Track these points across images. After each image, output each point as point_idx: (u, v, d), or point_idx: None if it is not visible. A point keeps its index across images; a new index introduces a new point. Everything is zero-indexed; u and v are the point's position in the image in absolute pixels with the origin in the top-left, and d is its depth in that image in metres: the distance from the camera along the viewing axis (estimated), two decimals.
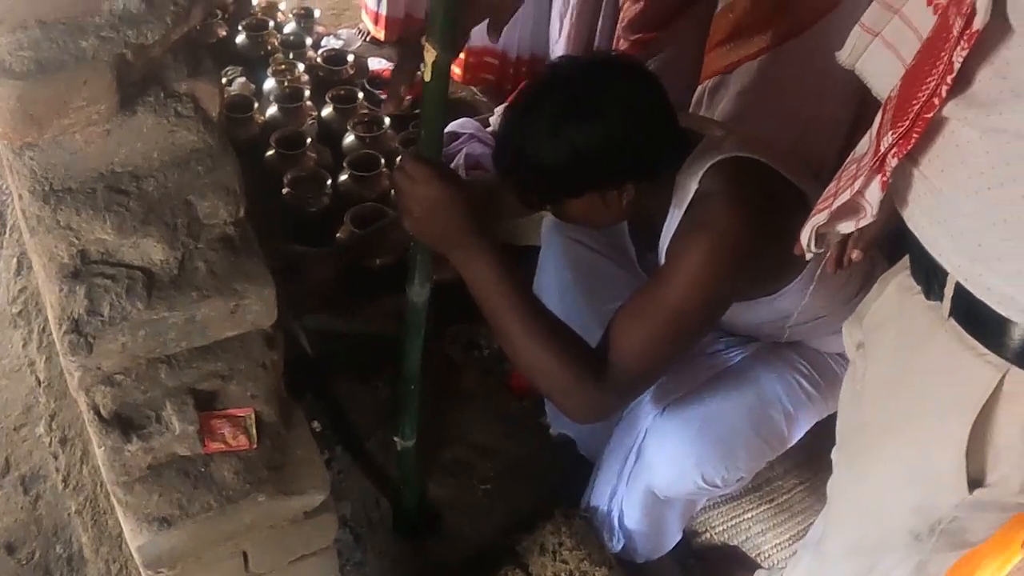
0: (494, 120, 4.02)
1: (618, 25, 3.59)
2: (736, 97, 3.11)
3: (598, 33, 3.90)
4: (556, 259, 2.84)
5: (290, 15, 4.99)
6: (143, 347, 1.73)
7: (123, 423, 1.77)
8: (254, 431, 1.87)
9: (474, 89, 4.60)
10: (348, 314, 3.20)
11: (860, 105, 2.96)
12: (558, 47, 4.10)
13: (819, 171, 2.72)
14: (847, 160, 1.75)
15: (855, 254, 1.94)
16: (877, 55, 1.74)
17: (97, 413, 1.76)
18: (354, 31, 5.10)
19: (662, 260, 2.30)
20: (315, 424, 2.84)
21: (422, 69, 1.92)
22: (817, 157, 3.01)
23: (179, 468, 1.84)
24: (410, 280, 2.21)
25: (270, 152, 3.81)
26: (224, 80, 4.25)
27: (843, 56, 1.83)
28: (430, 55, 1.87)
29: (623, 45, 3.52)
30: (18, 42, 1.62)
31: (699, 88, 3.25)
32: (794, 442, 2.61)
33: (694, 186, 2.23)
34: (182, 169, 1.78)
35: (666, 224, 2.31)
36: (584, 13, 3.90)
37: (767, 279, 2.32)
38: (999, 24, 1.34)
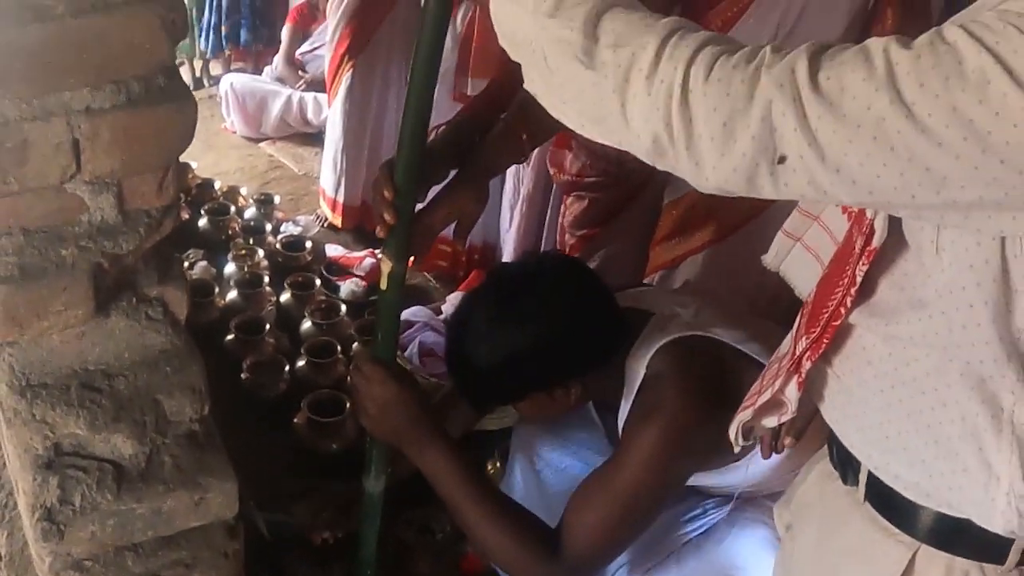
0: (446, 308, 4.11)
1: (561, 220, 3.69)
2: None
3: (547, 224, 4.02)
4: (524, 470, 2.87)
5: (251, 200, 5.12)
6: (112, 536, 1.79)
7: None
8: None
9: (427, 275, 4.70)
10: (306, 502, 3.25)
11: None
12: (509, 236, 4.22)
13: None
14: (771, 359, 1.88)
15: (788, 441, 2.05)
16: (799, 259, 1.87)
17: None
18: (312, 217, 5.24)
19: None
20: None
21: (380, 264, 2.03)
22: None
23: None
24: (366, 472, 2.30)
25: (229, 337, 3.88)
26: (186, 264, 4.35)
27: (768, 259, 1.96)
28: (386, 266, 1.99)
29: (569, 240, 3.61)
30: (2, 248, 1.73)
31: (646, 281, 3.31)
32: None
33: (643, 370, 2.29)
34: (151, 369, 1.87)
35: (620, 408, 2.37)
36: (533, 205, 4.04)
37: (729, 449, 2.36)
38: (897, 239, 1.47)
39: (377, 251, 2.06)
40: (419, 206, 2.11)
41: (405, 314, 3.99)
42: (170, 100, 1.77)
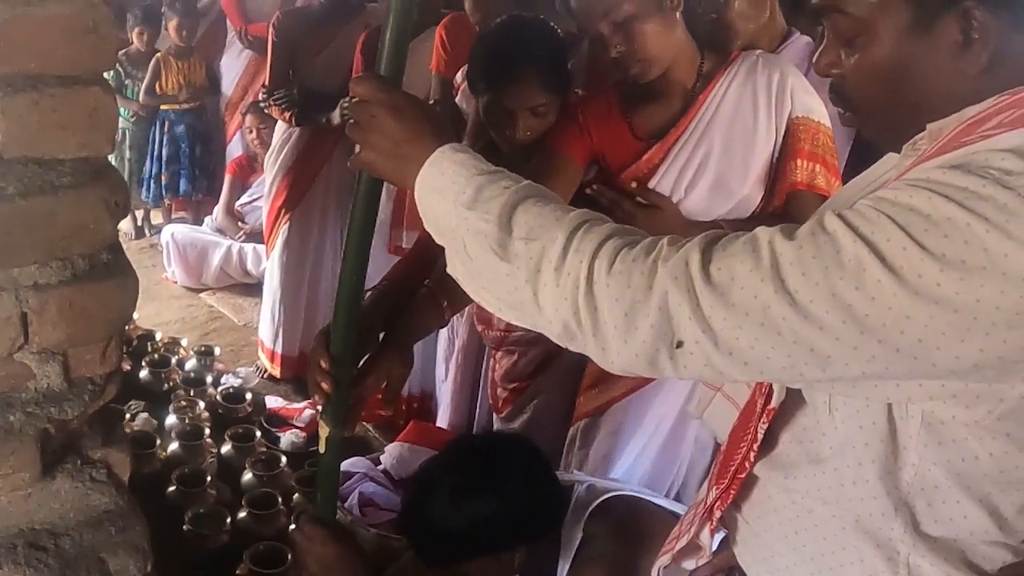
0: (385, 458, 4.12)
1: (492, 375, 3.73)
2: (607, 437, 3.26)
3: (483, 374, 4.03)
4: None
5: (191, 352, 5.18)
6: None
7: None
8: None
9: (367, 425, 4.75)
10: None
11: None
12: (445, 387, 4.26)
13: None
14: (690, 505, 1.98)
15: None
16: (719, 407, 1.97)
17: None
18: (252, 368, 5.29)
19: None
20: None
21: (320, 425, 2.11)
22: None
23: None
24: None
25: (171, 488, 3.91)
26: (127, 415, 4.39)
27: (691, 408, 2.09)
28: (324, 431, 2.07)
29: (501, 393, 3.65)
30: None
31: (572, 429, 3.38)
32: None
33: (579, 535, 2.44)
34: (96, 528, 1.92)
35: (559, 570, 2.48)
36: (469, 356, 4.09)
37: None
38: (795, 396, 1.59)
39: (318, 405, 2.12)
40: None
41: (345, 465, 3.98)
42: (114, 276, 1.87)
